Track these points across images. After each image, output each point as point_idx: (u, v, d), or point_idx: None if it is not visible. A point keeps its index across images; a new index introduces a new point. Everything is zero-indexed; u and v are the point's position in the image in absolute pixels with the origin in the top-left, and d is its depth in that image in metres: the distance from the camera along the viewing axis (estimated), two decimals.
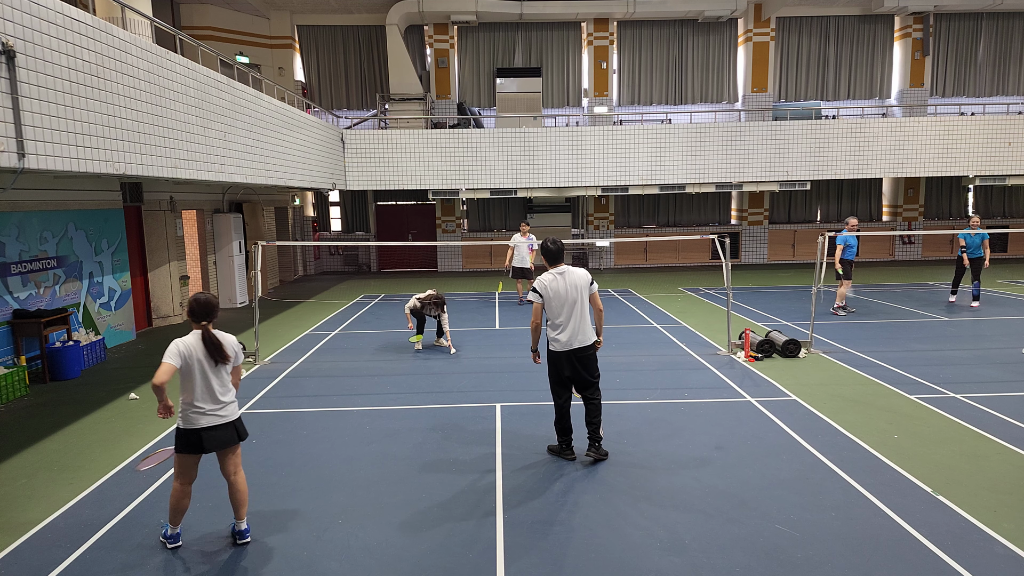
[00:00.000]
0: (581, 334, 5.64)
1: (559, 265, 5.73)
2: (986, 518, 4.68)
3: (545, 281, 5.65)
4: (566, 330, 5.61)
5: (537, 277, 5.77)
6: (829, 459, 5.74)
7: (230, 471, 4.57)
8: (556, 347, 5.69)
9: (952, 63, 21.07)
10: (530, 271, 13.91)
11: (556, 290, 5.60)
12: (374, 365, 9.37)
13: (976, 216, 12.80)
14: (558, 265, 5.73)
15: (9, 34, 5.79)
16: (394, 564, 4.29)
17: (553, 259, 5.75)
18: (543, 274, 5.74)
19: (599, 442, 5.83)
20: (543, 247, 5.77)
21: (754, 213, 21.63)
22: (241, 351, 4.67)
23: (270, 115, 12.26)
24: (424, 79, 20.34)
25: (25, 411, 7.57)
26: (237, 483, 4.57)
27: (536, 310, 5.72)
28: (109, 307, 10.77)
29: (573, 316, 5.60)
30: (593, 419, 5.80)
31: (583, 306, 5.66)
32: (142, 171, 7.90)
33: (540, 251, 5.77)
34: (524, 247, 13.82)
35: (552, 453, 5.99)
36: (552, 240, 5.75)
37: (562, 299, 5.60)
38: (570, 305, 5.60)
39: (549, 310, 5.66)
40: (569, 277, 5.63)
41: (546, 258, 5.77)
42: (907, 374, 8.30)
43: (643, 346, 10.07)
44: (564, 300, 5.60)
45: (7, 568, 4.32)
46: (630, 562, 4.25)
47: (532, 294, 5.72)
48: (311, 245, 16.93)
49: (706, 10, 19.45)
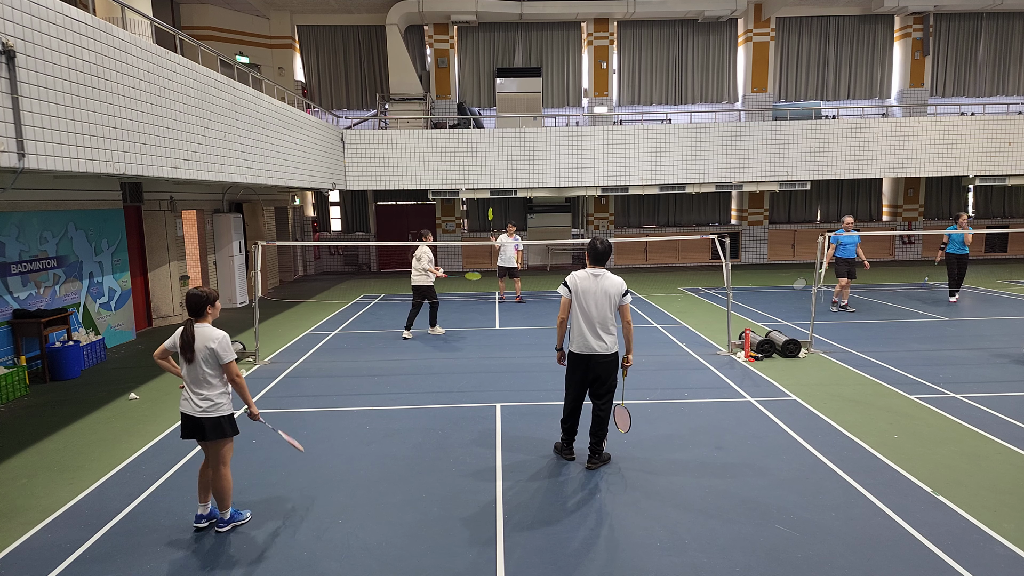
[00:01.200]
0: (600, 340, 5.51)
1: (599, 268, 5.62)
2: (986, 518, 4.68)
3: (577, 278, 5.58)
4: (586, 333, 5.52)
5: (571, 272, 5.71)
6: (829, 459, 5.74)
7: (209, 463, 4.70)
8: (573, 347, 5.63)
9: (952, 63, 21.07)
10: (516, 270, 14.13)
11: (585, 289, 5.52)
12: (374, 365, 9.37)
13: (964, 214, 13.22)
14: (598, 267, 5.62)
15: (9, 34, 5.79)
16: (394, 564, 4.29)
17: (596, 259, 5.61)
18: (578, 271, 5.66)
19: (599, 453, 5.75)
20: (591, 245, 5.62)
21: (754, 213, 21.63)
22: (226, 350, 4.56)
23: (270, 115, 12.26)
24: (424, 79, 20.34)
25: (25, 411, 7.57)
26: (213, 476, 4.69)
27: (563, 305, 5.64)
28: (109, 307, 10.77)
29: (595, 320, 5.50)
30: (597, 432, 5.70)
31: (609, 313, 5.53)
32: (142, 171, 7.90)
33: (587, 248, 5.68)
34: (510, 247, 13.98)
35: (555, 451, 6.00)
36: (601, 241, 5.61)
37: (589, 300, 5.50)
38: (596, 308, 5.49)
39: (574, 307, 5.57)
40: (603, 281, 5.52)
41: (590, 257, 5.65)
42: (907, 374, 8.30)
43: (643, 346, 10.07)
44: (591, 302, 5.50)
45: (7, 568, 4.32)
46: (630, 562, 4.25)
47: (561, 288, 5.65)
48: (311, 245, 16.92)
49: (706, 10, 19.46)
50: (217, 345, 4.54)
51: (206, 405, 4.56)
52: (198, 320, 4.60)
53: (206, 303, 4.60)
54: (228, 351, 4.58)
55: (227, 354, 4.57)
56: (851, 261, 12.37)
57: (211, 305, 4.64)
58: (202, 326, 4.58)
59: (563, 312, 5.67)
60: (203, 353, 4.53)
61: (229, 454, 4.72)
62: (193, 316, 4.60)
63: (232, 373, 4.60)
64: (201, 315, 4.60)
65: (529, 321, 12.31)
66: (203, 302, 4.59)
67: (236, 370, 4.62)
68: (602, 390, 5.65)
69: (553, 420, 6.81)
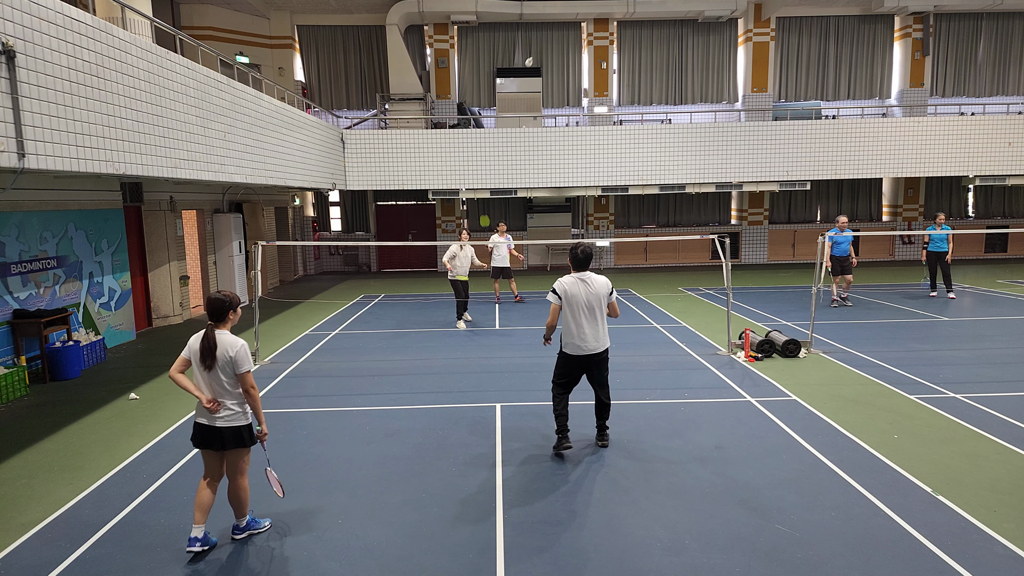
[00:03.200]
0: (595, 340, 5.76)
1: (583, 271, 5.84)
2: (986, 518, 4.68)
3: (565, 284, 5.78)
4: (581, 335, 5.74)
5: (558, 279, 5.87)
6: (829, 459, 5.74)
7: (227, 473, 4.54)
8: (569, 350, 5.82)
9: (952, 63, 21.07)
10: (509, 270, 14.13)
11: (575, 294, 5.73)
12: (374, 365, 9.37)
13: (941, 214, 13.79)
14: (583, 271, 5.84)
15: (9, 34, 5.79)
16: (394, 564, 4.29)
17: (578, 265, 5.85)
18: (565, 276, 5.85)
19: (606, 431, 6.15)
20: (572, 254, 5.87)
21: (754, 213, 21.63)
22: (244, 359, 4.35)
23: (270, 115, 12.26)
24: (424, 79, 20.34)
25: (25, 411, 7.57)
26: (230, 487, 4.53)
27: (553, 311, 5.82)
28: (109, 307, 10.77)
29: (589, 322, 5.74)
30: (603, 415, 6.11)
31: (601, 313, 5.79)
32: (142, 171, 7.90)
33: (569, 256, 5.94)
34: (504, 247, 13.90)
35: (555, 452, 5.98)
36: (582, 248, 5.85)
37: (580, 304, 5.72)
38: (588, 311, 5.73)
39: (566, 313, 5.77)
40: (591, 285, 5.76)
41: (573, 264, 5.89)
42: (907, 374, 8.30)
43: (643, 346, 10.07)
44: (582, 305, 5.72)
45: (7, 568, 4.32)
46: (630, 562, 4.25)
47: (551, 295, 5.83)
48: (311, 245, 16.89)
49: (706, 10, 19.46)
50: (236, 353, 4.32)
51: (227, 415, 4.38)
52: (219, 325, 4.40)
53: (229, 308, 4.40)
54: (247, 360, 4.37)
55: (245, 364, 4.35)
56: (844, 259, 12.77)
57: (233, 311, 4.44)
58: (222, 332, 4.38)
59: (553, 318, 5.87)
60: (223, 360, 4.32)
61: (247, 464, 4.56)
62: (214, 321, 4.40)
63: (247, 384, 4.37)
64: (223, 320, 4.40)
65: (529, 321, 12.31)
66: (226, 307, 4.39)
67: (252, 381, 4.39)
68: (601, 381, 5.98)
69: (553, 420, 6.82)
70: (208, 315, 4.41)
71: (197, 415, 4.46)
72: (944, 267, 13.64)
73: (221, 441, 4.41)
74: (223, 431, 4.39)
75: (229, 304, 4.40)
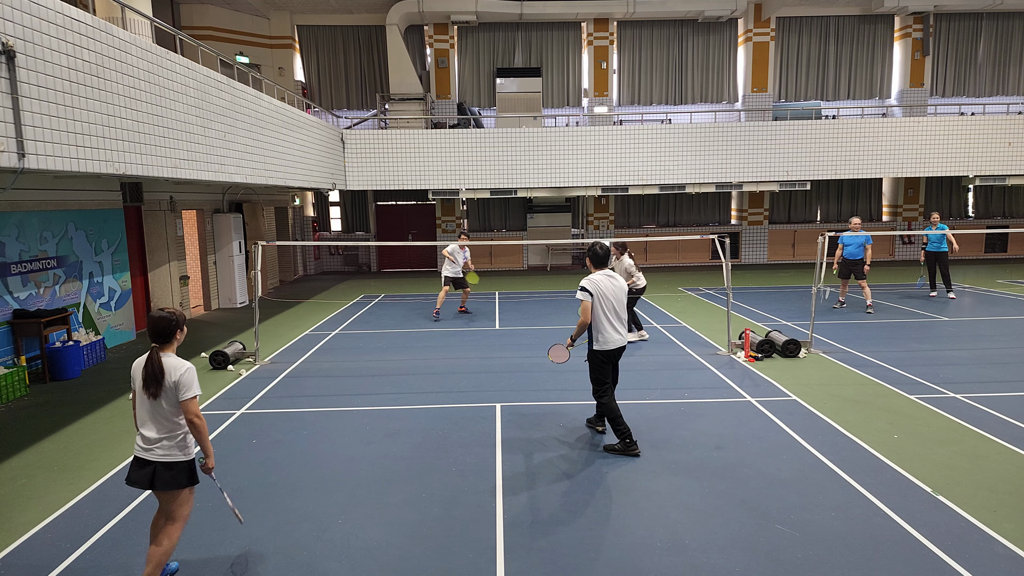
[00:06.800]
0: (620, 333, 5.95)
1: (605, 268, 6.00)
2: (986, 518, 4.68)
3: (596, 280, 5.89)
4: (615, 329, 5.88)
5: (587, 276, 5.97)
6: (829, 459, 5.74)
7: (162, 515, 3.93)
8: (606, 346, 5.91)
9: (952, 63, 21.07)
10: (463, 280, 12.93)
11: (606, 290, 5.86)
12: (374, 365, 9.37)
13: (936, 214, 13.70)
14: (604, 268, 6.00)
15: (9, 34, 5.79)
16: (394, 564, 4.29)
17: (599, 263, 5.99)
18: (594, 274, 5.95)
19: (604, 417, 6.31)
20: (592, 252, 5.98)
21: (754, 213, 21.63)
22: (190, 384, 3.78)
23: (270, 115, 12.26)
24: (424, 79, 20.35)
25: (25, 411, 7.57)
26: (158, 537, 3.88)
27: (585, 308, 5.86)
28: (109, 307, 10.77)
29: (617, 316, 5.90)
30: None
31: (623, 307, 5.98)
32: (142, 171, 7.90)
33: (588, 255, 6.06)
34: (461, 257, 12.85)
35: (614, 452, 5.97)
36: (601, 245, 6.01)
37: (610, 299, 5.86)
38: (618, 305, 5.90)
39: (597, 309, 5.85)
40: (615, 279, 5.95)
41: (593, 261, 6.01)
42: (907, 374, 8.30)
43: (643, 346, 10.07)
44: (611, 300, 5.86)
45: (7, 568, 4.32)
46: (630, 562, 4.25)
47: (582, 292, 5.88)
48: (311, 245, 16.92)
49: (706, 10, 19.46)
50: (181, 377, 3.76)
51: (165, 448, 3.82)
52: (164, 348, 3.85)
53: (175, 327, 3.87)
54: (193, 385, 3.79)
55: (191, 389, 3.77)
56: (856, 262, 12.48)
57: (180, 330, 3.91)
58: (168, 355, 3.84)
59: (586, 316, 5.89)
60: (168, 387, 3.77)
61: (186, 510, 3.95)
62: (159, 343, 3.83)
63: (191, 412, 3.78)
64: (169, 341, 3.86)
65: (529, 321, 12.31)
66: (172, 326, 3.85)
67: (196, 410, 3.81)
68: (617, 373, 6.23)
69: (553, 420, 6.83)
70: (151, 336, 3.84)
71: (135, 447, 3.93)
72: (943, 267, 13.58)
73: (151, 478, 3.81)
74: (155, 467, 3.81)
75: (176, 323, 3.87)
